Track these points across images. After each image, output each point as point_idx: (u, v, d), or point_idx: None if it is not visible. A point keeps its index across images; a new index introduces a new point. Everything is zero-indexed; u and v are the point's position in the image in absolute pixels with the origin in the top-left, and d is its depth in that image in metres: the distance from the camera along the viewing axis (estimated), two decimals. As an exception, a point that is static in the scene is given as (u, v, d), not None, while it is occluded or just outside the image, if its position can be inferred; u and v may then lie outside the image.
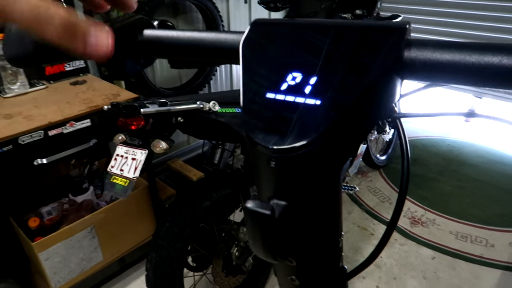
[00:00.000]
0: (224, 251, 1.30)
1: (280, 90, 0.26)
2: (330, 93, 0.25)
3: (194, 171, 2.03)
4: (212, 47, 0.31)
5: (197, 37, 0.32)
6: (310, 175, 0.26)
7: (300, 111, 0.25)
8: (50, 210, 1.53)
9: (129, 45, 0.33)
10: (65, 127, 1.24)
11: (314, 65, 0.26)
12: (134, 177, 1.03)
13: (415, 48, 0.24)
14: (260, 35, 0.28)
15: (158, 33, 0.33)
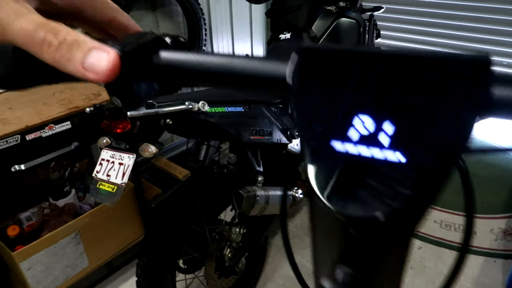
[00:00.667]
0: (216, 253, 1.28)
1: (348, 139, 0.22)
2: (413, 146, 0.21)
3: (179, 169, 1.99)
4: (247, 75, 0.27)
5: (227, 63, 0.27)
6: (388, 240, 0.23)
7: (380, 168, 0.21)
8: (30, 216, 1.46)
9: (142, 69, 0.28)
10: (44, 131, 1.17)
11: (387, 108, 0.21)
12: (122, 183, 0.98)
13: (502, 84, 0.21)
14: (313, 66, 0.24)
15: (178, 56, 0.28)
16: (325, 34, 1.56)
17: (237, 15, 2.41)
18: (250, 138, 1.17)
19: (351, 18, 1.63)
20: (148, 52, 0.28)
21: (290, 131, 1.37)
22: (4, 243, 1.26)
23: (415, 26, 2.47)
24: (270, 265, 1.71)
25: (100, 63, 0.24)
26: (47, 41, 0.24)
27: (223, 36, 2.39)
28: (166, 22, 2.05)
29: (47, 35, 0.24)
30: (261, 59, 0.27)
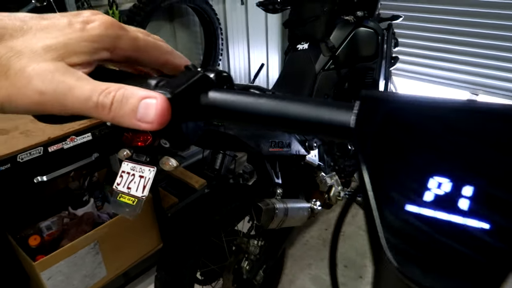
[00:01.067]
0: (234, 265, 1.27)
1: (424, 202, 0.20)
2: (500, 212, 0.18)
3: (195, 177, 1.99)
4: (303, 121, 0.25)
5: (282, 107, 0.26)
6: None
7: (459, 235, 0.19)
8: (50, 225, 1.48)
9: (190, 110, 0.28)
10: (66, 142, 1.19)
11: (466, 168, 0.19)
12: (143, 196, 0.98)
13: None
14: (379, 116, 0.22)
15: (230, 98, 0.27)
16: (343, 44, 1.55)
17: (253, 24, 2.42)
18: (269, 150, 1.16)
19: (369, 27, 1.62)
20: (196, 92, 0.28)
21: (308, 143, 1.36)
22: (26, 253, 1.28)
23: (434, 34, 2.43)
24: (287, 276, 1.69)
25: (150, 112, 0.24)
26: (100, 105, 0.25)
27: (239, 45, 2.40)
28: (184, 32, 2.07)
29: (99, 99, 0.25)
30: (318, 102, 0.26)
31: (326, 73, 1.52)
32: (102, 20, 0.27)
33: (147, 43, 0.30)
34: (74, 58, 0.26)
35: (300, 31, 1.59)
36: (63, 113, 0.26)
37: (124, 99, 0.25)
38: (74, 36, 0.26)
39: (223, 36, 2.14)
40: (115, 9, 1.68)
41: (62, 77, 0.25)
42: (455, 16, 2.31)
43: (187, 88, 0.27)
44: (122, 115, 0.25)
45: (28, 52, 0.24)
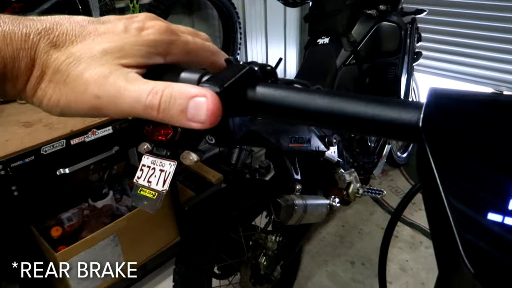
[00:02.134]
0: (252, 260, 1.27)
1: (509, 211, 0.18)
2: None
3: (212, 172, 1.99)
4: (361, 119, 0.23)
5: (337, 103, 0.24)
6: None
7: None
8: (71, 216, 1.50)
9: (237, 105, 0.27)
10: (87, 135, 1.20)
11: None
12: (163, 190, 0.99)
13: None
14: (451, 115, 0.20)
15: (279, 93, 0.26)
16: (365, 38, 1.52)
17: (272, 18, 2.40)
18: (289, 145, 1.15)
19: (392, 22, 1.58)
20: (243, 86, 0.27)
21: (328, 138, 1.34)
22: (48, 243, 1.30)
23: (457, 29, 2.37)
24: (303, 272, 1.68)
25: (201, 112, 0.24)
26: (149, 106, 0.24)
27: (257, 40, 2.38)
28: (203, 26, 2.07)
29: (147, 100, 0.24)
30: (378, 100, 0.24)
31: (347, 68, 1.49)
32: (157, 26, 0.28)
33: (197, 46, 0.31)
34: (129, 60, 0.26)
35: (321, 25, 1.56)
36: (120, 115, 0.26)
37: (172, 99, 0.24)
38: (130, 40, 0.27)
39: (242, 30, 2.12)
40: (135, 3, 1.68)
41: (115, 79, 0.25)
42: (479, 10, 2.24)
43: (235, 82, 0.26)
44: (172, 115, 0.25)
45: (86, 58, 0.25)
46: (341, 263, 1.71)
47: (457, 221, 0.19)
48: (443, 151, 0.20)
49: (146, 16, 0.28)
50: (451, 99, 0.21)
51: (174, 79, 0.27)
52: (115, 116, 0.27)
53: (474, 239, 0.19)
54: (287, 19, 2.51)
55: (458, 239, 0.19)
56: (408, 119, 0.22)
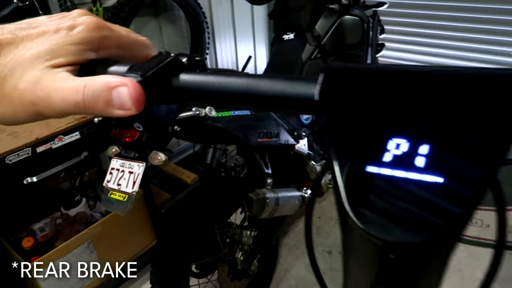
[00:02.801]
0: (229, 256, 1.28)
1: (384, 163, 0.21)
2: (453, 167, 0.20)
3: (187, 173, 1.99)
4: (272, 96, 0.26)
5: (250, 84, 0.26)
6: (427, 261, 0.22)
7: (419, 191, 0.20)
8: (43, 227, 1.47)
9: (162, 93, 0.28)
10: (54, 142, 1.18)
11: (421, 129, 0.21)
12: (133, 192, 0.99)
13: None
14: (341, 86, 0.23)
15: (198, 78, 0.28)
16: (329, 32, 1.55)
17: (239, 17, 2.41)
18: (258, 140, 1.17)
19: (355, 15, 1.62)
20: (167, 75, 0.28)
21: (297, 132, 1.37)
22: (19, 255, 1.28)
23: (419, 20, 2.44)
24: (282, 265, 1.70)
25: (125, 99, 0.25)
26: (75, 103, 0.25)
27: (225, 39, 2.39)
28: (169, 27, 2.06)
29: (72, 97, 0.25)
30: (285, 78, 0.27)
31: (313, 62, 1.52)
32: (87, 22, 0.28)
33: (130, 40, 0.31)
34: (59, 60, 0.27)
35: (285, 21, 1.59)
36: (61, 116, 0.27)
37: (96, 93, 0.25)
38: (60, 41, 0.27)
39: (209, 29, 2.13)
40: (99, 6, 1.66)
41: (45, 83, 0.26)
42: (439, 1, 2.32)
43: (158, 71, 0.27)
44: (99, 108, 0.25)
45: (18, 67, 0.26)
46: (319, 254, 1.75)
47: (342, 175, 0.22)
48: (333, 118, 0.23)
49: (78, 13, 0.29)
50: (341, 73, 0.23)
51: (104, 73, 0.28)
52: (58, 117, 0.27)
53: (356, 194, 0.21)
54: (255, 17, 2.53)
55: (343, 196, 0.21)
56: (308, 93, 0.25)
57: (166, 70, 0.28)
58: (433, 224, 0.19)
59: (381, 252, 0.21)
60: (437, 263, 0.23)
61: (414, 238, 0.20)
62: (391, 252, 0.21)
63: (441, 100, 0.21)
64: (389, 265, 0.22)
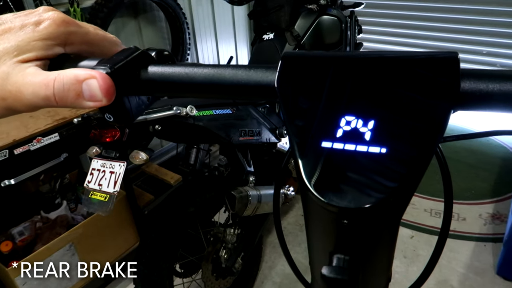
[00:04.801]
0: (213, 255, 1.29)
1: (337, 138, 0.24)
2: (394, 139, 0.23)
3: (170, 174, 1.99)
4: (233, 84, 0.28)
5: (215, 74, 0.28)
6: (380, 225, 0.25)
7: (366, 161, 0.23)
8: (22, 230, 1.45)
9: (131, 85, 0.29)
10: (32, 144, 1.17)
11: (367, 107, 0.24)
12: (114, 192, 0.98)
13: (470, 79, 0.23)
14: (297, 72, 0.26)
15: (165, 70, 0.29)
16: (308, 32, 1.58)
17: (220, 17, 2.42)
18: (240, 139, 1.18)
19: (333, 15, 1.66)
20: (136, 67, 0.29)
21: (279, 130, 1.39)
22: (-3, 259, 1.25)
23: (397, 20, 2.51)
24: (267, 263, 1.72)
25: (94, 90, 0.26)
26: (46, 97, 0.26)
27: (207, 39, 2.39)
28: (149, 29, 2.05)
29: (43, 92, 0.26)
30: (247, 67, 0.28)
31: (293, 62, 1.55)
32: (53, 18, 0.29)
33: (98, 37, 0.32)
34: (27, 55, 0.27)
35: (265, 21, 1.61)
36: (31, 110, 0.27)
37: (66, 86, 0.26)
38: (26, 37, 0.27)
39: (190, 30, 2.13)
40: (76, 7, 1.64)
41: (14, 78, 0.26)
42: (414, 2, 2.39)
43: (126, 64, 0.28)
44: (70, 101, 0.26)
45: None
46: (302, 251, 1.77)
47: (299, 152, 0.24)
48: (290, 101, 0.26)
49: (44, 9, 0.29)
50: (297, 60, 0.26)
51: (74, 67, 0.29)
52: (30, 111, 0.27)
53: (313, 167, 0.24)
54: (235, 17, 2.55)
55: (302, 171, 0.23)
56: (269, 80, 0.27)
57: (134, 62, 0.29)
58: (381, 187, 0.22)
59: (337, 219, 0.24)
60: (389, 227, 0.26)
61: (365, 202, 0.22)
62: (345, 218, 0.23)
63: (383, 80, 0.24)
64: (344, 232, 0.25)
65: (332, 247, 0.26)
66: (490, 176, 2.22)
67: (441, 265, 1.66)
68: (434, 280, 1.60)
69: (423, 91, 0.23)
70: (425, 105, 0.23)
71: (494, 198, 2.05)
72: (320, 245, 0.28)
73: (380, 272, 0.31)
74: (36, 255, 1.27)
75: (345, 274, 0.24)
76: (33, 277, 1.27)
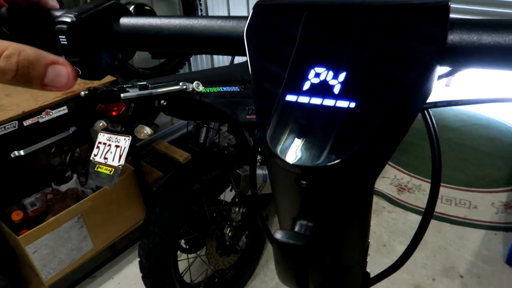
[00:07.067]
0: (217, 232, 1.30)
1: (303, 91, 0.21)
2: (366, 92, 0.20)
3: (180, 152, 1.99)
4: (206, 36, 0.26)
5: (186, 25, 0.27)
6: (345, 190, 0.23)
7: (332, 116, 0.20)
8: (34, 201, 1.48)
9: (102, 37, 0.28)
10: (41, 116, 1.18)
11: (340, 57, 0.21)
12: (119, 165, 0.99)
13: (460, 30, 0.20)
14: (267, 20, 0.24)
15: (138, 22, 0.28)
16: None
17: (234, -6, 2.37)
18: (246, 117, 1.17)
19: None
20: (107, 19, 0.28)
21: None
22: (9, 228, 1.29)
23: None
24: (272, 243, 1.73)
25: (62, 79, 0.24)
26: (3, 70, 0.23)
27: (219, 17, 2.35)
28: (161, 4, 2.02)
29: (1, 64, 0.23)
30: (221, 18, 0.27)
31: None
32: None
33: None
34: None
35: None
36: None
37: (31, 65, 0.24)
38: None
39: (202, 7, 2.09)
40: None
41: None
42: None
43: (96, 14, 0.27)
44: (29, 81, 0.24)
45: None
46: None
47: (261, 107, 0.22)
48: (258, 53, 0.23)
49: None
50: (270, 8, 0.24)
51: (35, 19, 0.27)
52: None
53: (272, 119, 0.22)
54: (250, -5, 2.49)
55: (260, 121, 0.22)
56: (240, 31, 0.25)
57: (105, 13, 0.27)
58: (343, 146, 0.20)
59: (296, 180, 0.22)
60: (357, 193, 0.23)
61: (323, 161, 0.20)
62: (303, 178, 0.21)
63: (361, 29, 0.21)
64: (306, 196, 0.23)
65: (295, 212, 0.25)
66: (506, 165, 2.16)
67: (449, 252, 1.64)
68: (440, 267, 1.58)
69: (405, 43, 0.20)
70: (406, 58, 0.20)
71: (508, 187, 2.00)
72: (284, 209, 0.27)
73: (351, 243, 0.29)
74: (46, 225, 1.30)
75: (299, 240, 0.22)
76: (43, 246, 1.31)
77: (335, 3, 0.22)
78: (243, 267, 1.51)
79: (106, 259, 1.60)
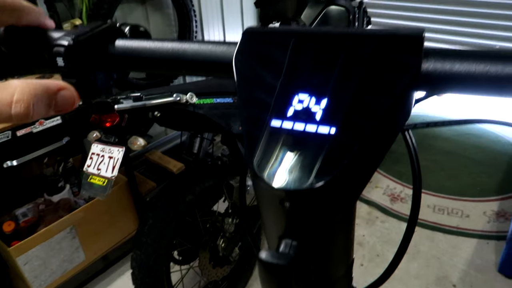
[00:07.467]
0: (210, 243, 1.29)
1: (287, 117, 0.23)
2: (346, 119, 0.21)
3: (173, 162, 1.99)
4: (197, 60, 0.27)
5: (179, 49, 0.28)
6: (327, 210, 0.24)
7: (314, 142, 0.22)
8: (25, 212, 1.47)
9: (98, 59, 0.29)
10: (34, 126, 1.18)
11: (323, 84, 0.22)
12: (112, 176, 0.99)
13: (434, 59, 0.21)
14: (255, 47, 0.25)
15: (133, 44, 0.29)
16: (314, 22, 1.56)
17: (228, 5, 2.40)
18: (240, 129, 1.18)
19: (340, 5, 1.63)
20: (103, 41, 0.29)
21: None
22: (0, 239, 1.27)
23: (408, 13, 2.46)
24: (266, 254, 1.72)
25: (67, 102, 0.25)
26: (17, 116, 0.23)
27: (214, 27, 2.38)
28: (156, 15, 2.04)
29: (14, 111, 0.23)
30: (214, 43, 0.28)
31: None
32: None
33: None
34: None
35: (271, 10, 1.59)
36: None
37: (40, 101, 0.24)
38: None
39: (197, 18, 2.11)
40: (83, -8, 1.64)
41: None
42: None
43: (93, 37, 0.28)
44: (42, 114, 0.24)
45: None
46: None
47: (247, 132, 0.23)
48: (244, 79, 0.25)
49: None
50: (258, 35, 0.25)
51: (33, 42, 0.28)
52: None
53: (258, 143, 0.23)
54: (244, 5, 2.52)
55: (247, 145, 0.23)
56: (229, 56, 0.26)
57: (101, 36, 0.28)
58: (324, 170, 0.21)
59: (280, 202, 0.23)
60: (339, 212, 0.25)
61: (304, 184, 0.21)
62: (287, 200, 0.22)
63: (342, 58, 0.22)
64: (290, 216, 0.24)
65: (280, 231, 0.26)
66: (497, 174, 2.19)
67: (442, 261, 1.65)
68: (433, 276, 1.59)
69: (382, 70, 0.21)
70: (383, 85, 0.21)
71: (500, 195, 2.02)
72: (270, 228, 0.28)
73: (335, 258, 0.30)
74: (38, 236, 1.29)
75: (282, 259, 0.23)
76: (35, 257, 1.30)
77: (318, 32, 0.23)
78: (237, 278, 1.50)
79: (98, 271, 1.59)
